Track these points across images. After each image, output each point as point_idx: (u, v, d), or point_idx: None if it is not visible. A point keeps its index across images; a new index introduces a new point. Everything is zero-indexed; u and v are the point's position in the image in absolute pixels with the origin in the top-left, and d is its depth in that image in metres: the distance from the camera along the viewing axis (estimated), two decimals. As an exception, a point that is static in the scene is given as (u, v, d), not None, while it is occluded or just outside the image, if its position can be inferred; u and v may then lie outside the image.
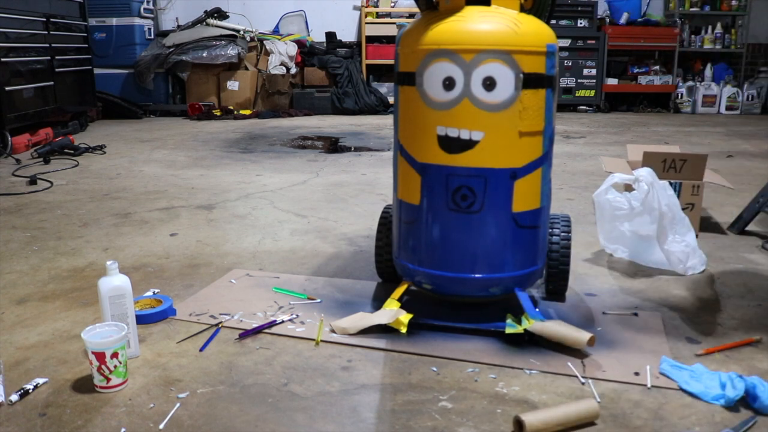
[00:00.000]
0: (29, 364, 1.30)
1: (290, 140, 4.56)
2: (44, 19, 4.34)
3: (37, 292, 1.69)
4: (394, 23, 6.51)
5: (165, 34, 6.34)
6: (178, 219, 2.42)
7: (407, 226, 1.45)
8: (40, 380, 1.21)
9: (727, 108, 6.71)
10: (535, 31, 1.32)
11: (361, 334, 1.41)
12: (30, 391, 1.18)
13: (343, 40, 6.73)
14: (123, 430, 1.08)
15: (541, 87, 1.32)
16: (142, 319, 1.45)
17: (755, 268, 1.89)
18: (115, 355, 1.17)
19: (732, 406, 1.14)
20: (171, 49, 6.00)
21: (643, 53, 6.97)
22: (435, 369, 1.28)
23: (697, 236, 1.95)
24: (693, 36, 6.93)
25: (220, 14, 6.41)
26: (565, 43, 6.40)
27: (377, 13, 6.59)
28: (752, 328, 1.48)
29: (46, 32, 4.36)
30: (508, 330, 1.37)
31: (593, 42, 6.48)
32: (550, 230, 1.54)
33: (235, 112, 5.96)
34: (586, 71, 6.54)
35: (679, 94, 6.80)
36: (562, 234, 1.55)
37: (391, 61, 5.91)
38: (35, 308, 1.58)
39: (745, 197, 2.43)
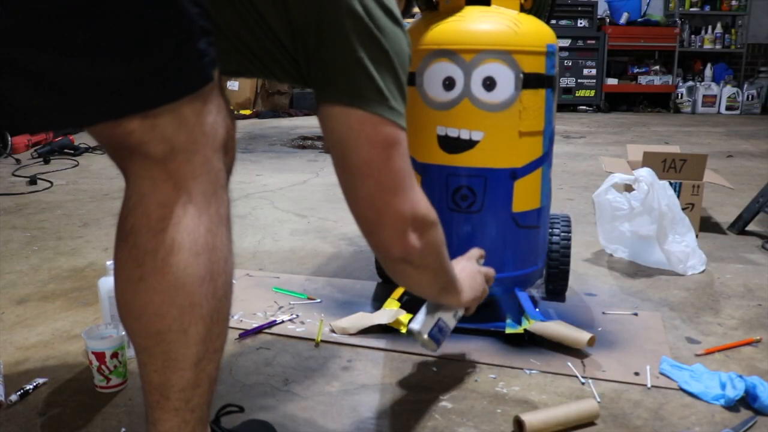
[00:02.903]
0: (29, 364, 1.30)
1: (290, 140, 4.56)
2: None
3: (37, 292, 1.69)
4: (394, 23, 6.50)
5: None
6: (178, 219, 2.42)
7: (407, 226, 1.45)
8: (40, 380, 1.21)
9: (727, 108, 6.71)
10: (535, 31, 1.32)
11: (361, 334, 1.41)
12: (30, 391, 1.18)
13: (343, 40, 6.72)
14: (123, 430, 1.08)
15: (541, 87, 1.32)
16: (142, 319, 1.45)
17: (755, 268, 1.89)
18: (115, 355, 1.17)
19: (732, 406, 1.14)
20: (171, 49, 6.00)
21: (643, 53, 6.97)
22: (435, 369, 1.28)
23: (697, 236, 1.95)
24: (693, 36, 6.93)
25: (220, 14, 6.40)
26: (565, 43, 6.40)
27: (377, 13, 6.58)
28: (752, 328, 1.48)
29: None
30: (508, 330, 1.37)
31: (593, 42, 6.48)
32: (550, 230, 1.54)
33: (235, 112, 5.96)
34: (586, 71, 6.55)
35: (679, 94, 6.80)
36: (562, 234, 1.55)
37: (391, 61, 5.90)
38: (35, 308, 1.58)
39: (745, 197, 2.43)
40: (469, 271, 1.17)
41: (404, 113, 0.88)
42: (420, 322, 1.14)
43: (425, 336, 1.13)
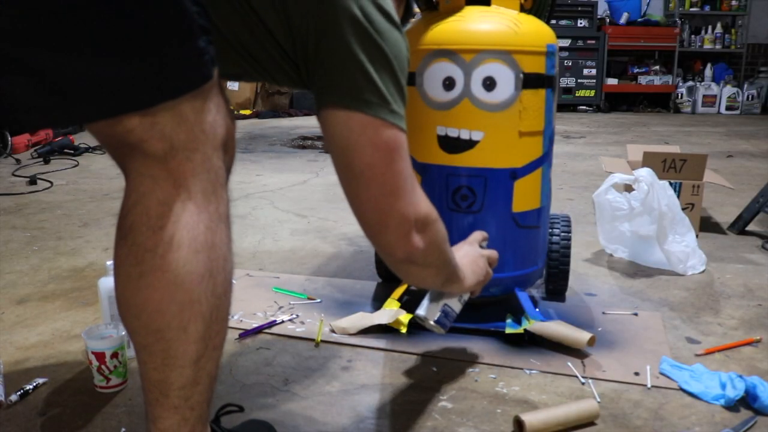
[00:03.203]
0: (29, 364, 1.30)
1: (290, 140, 4.56)
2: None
3: (37, 292, 1.69)
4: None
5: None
6: (178, 219, 2.42)
7: (407, 226, 1.45)
8: (40, 380, 1.21)
9: (727, 108, 6.72)
10: (535, 31, 1.32)
11: (361, 334, 1.41)
12: (30, 391, 1.18)
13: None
14: (123, 430, 1.08)
15: (541, 87, 1.32)
16: (142, 319, 1.45)
17: (755, 268, 1.89)
18: (115, 355, 1.17)
19: (732, 406, 1.14)
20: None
21: (643, 53, 6.97)
22: (435, 369, 1.28)
23: (697, 236, 1.95)
24: (693, 36, 6.93)
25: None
26: (565, 43, 6.40)
27: (377, 13, 6.57)
28: (752, 328, 1.48)
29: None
30: (508, 330, 1.37)
31: (593, 42, 6.48)
32: (550, 230, 1.54)
33: (235, 112, 5.96)
34: (586, 71, 6.55)
35: (679, 94, 6.80)
36: (562, 234, 1.55)
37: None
38: (35, 308, 1.58)
39: (745, 197, 2.43)
40: (471, 257, 1.19)
41: (405, 116, 0.88)
42: (425, 308, 1.19)
43: (431, 322, 1.18)
